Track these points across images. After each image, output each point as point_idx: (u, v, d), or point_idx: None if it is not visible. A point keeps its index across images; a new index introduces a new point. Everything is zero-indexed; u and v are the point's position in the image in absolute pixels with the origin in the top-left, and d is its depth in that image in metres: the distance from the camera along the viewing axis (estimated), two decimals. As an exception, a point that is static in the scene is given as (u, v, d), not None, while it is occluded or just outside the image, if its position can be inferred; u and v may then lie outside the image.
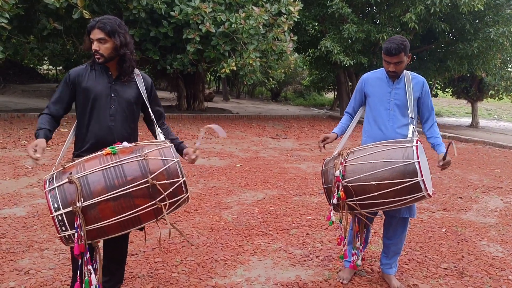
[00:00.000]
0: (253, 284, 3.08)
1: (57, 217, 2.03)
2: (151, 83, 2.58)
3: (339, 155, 2.92)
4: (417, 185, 2.60)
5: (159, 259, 3.38)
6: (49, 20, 8.55)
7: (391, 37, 2.90)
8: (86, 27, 2.35)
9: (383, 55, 2.88)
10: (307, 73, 22.93)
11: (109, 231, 2.13)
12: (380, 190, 2.65)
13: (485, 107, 27.15)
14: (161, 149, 2.22)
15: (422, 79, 3.03)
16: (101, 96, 2.38)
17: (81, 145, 2.42)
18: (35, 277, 2.97)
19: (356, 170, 2.73)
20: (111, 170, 2.11)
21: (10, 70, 18.94)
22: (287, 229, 4.23)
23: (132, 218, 2.12)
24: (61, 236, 2.07)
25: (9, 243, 3.51)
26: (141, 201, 2.11)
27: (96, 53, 2.31)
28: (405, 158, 2.63)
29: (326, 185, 2.91)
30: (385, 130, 2.99)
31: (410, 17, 11.57)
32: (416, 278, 3.34)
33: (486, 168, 8.34)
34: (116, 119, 2.40)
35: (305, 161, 7.84)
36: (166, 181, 2.15)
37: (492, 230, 4.62)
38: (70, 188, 2.05)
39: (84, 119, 2.40)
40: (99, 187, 2.07)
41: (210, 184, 5.74)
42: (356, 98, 3.21)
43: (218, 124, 2.50)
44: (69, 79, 2.39)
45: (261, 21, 9.35)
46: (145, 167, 2.13)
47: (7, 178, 5.30)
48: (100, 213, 2.06)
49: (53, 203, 2.03)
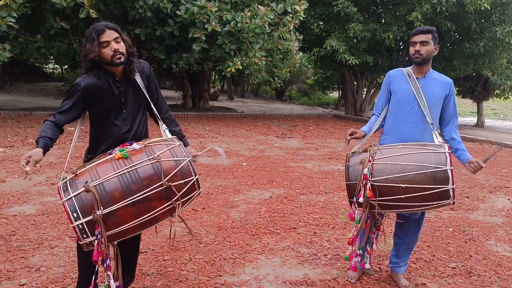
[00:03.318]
0: (261, 282, 3.10)
1: (78, 226, 2.06)
2: (149, 67, 2.54)
3: (364, 151, 2.85)
4: (446, 192, 2.57)
5: (168, 257, 3.40)
6: (56, 19, 8.59)
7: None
8: (90, 35, 2.24)
9: (410, 38, 2.90)
10: (312, 72, 22.89)
11: (128, 232, 2.18)
12: (408, 193, 2.60)
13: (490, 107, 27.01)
14: (172, 149, 2.24)
15: (449, 81, 2.98)
16: (114, 104, 2.40)
17: (96, 150, 2.43)
18: (46, 274, 3.00)
19: (385, 170, 2.67)
20: (126, 175, 2.13)
21: (16, 68, 19.04)
22: (294, 227, 4.24)
23: (150, 219, 2.17)
24: (83, 243, 2.10)
25: (19, 240, 3.54)
26: (158, 203, 2.15)
27: (116, 53, 2.25)
28: (438, 164, 2.58)
29: (349, 182, 2.83)
30: (407, 127, 2.94)
31: (416, 16, 11.52)
32: (424, 277, 3.35)
33: (493, 167, 8.31)
34: (129, 122, 2.43)
35: (311, 160, 7.84)
36: (181, 181, 2.19)
37: (500, 229, 4.62)
38: (88, 196, 2.06)
39: (99, 125, 2.43)
40: (117, 194, 2.09)
41: (217, 183, 5.76)
42: (383, 95, 3.14)
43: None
44: (81, 93, 2.31)
45: (267, 20, 9.34)
46: (159, 169, 2.15)
47: (15, 176, 5.34)
48: (120, 219, 2.10)
49: (72, 213, 2.05)
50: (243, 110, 15.37)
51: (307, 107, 20.59)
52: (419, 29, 2.87)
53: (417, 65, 2.94)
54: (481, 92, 17.46)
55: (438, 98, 2.93)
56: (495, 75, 15.23)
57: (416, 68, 2.97)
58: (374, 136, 3.23)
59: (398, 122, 2.99)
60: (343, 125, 13.66)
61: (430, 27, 2.87)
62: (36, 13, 8.93)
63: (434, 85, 2.94)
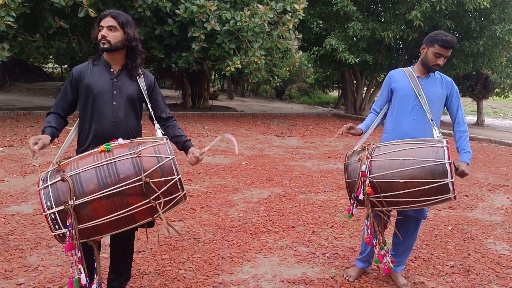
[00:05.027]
0: (259, 281, 3.10)
1: (50, 216, 2.02)
2: (153, 80, 2.56)
3: (363, 149, 2.86)
4: (445, 186, 2.55)
5: (166, 256, 3.39)
6: (55, 18, 8.59)
7: (439, 31, 2.84)
8: (98, 18, 2.35)
9: (435, 47, 2.79)
10: (312, 71, 22.88)
11: (103, 230, 2.10)
12: (406, 189, 2.59)
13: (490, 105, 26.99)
14: (156, 146, 2.18)
15: (450, 80, 2.98)
16: (103, 93, 2.36)
17: (84, 142, 2.41)
18: (43, 274, 3.00)
19: (383, 166, 2.67)
20: (104, 168, 2.08)
21: (15, 68, 19.04)
22: (293, 226, 4.24)
23: (126, 216, 2.09)
24: (55, 235, 2.06)
25: (17, 240, 3.54)
26: (135, 199, 2.07)
27: (103, 38, 2.29)
28: (436, 158, 2.57)
29: (349, 179, 2.84)
30: (408, 125, 2.94)
31: (416, 15, 11.51)
32: (423, 276, 3.35)
33: (492, 166, 8.31)
34: (118, 115, 2.39)
35: (310, 159, 7.84)
36: (160, 178, 2.11)
37: (499, 228, 4.61)
38: (63, 186, 2.03)
39: (86, 116, 2.39)
40: (92, 185, 2.04)
41: (216, 182, 5.76)
42: (383, 94, 3.13)
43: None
44: (72, 76, 2.39)
45: (266, 19, 9.33)
46: (138, 164, 2.09)
47: (14, 176, 5.34)
48: (92, 212, 2.04)
49: (46, 201, 2.03)
50: (243, 109, 15.36)
51: (307, 106, 20.58)
52: (451, 43, 2.75)
53: (428, 72, 2.95)
54: (481, 91, 17.44)
55: (439, 96, 2.94)
56: (494, 73, 15.23)
57: (419, 68, 2.97)
58: (375, 135, 3.22)
59: (400, 120, 2.99)
60: (342, 124, 13.54)
61: (455, 39, 2.79)
62: (35, 13, 8.91)
63: (435, 84, 2.95)
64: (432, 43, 2.82)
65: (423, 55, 2.91)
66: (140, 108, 2.52)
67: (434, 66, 2.86)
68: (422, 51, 2.91)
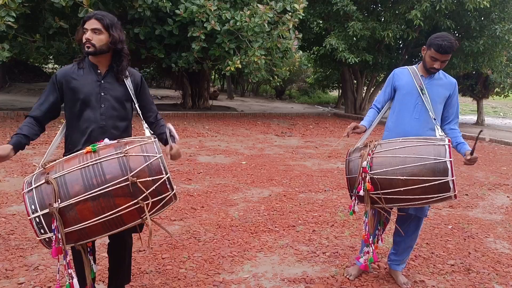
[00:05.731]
0: (260, 280, 3.10)
1: (35, 219, 1.95)
2: (140, 78, 2.48)
3: (365, 146, 2.86)
4: (446, 184, 2.55)
5: (166, 255, 3.40)
6: (55, 18, 8.60)
7: (440, 34, 2.81)
8: (82, 19, 2.26)
9: (431, 51, 2.79)
10: (312, 71, 22.88)
11: (91, 233, 2.03)
12: (407, 186, 2.59)
13: (490, 105, 26.97)
14: (143, 145, 2.10)
15: (453, 81, 2.98)
16: (91, 95, 2.29)
17: (72, 147, 2.33)
18: (44, 273, 3.00)
19: (384, 163, 2.67)
20: (90, 168, 2.01)
21: (15, 68, 19.03)
22: (293, 225, 4.24)
23: (114, 218, 2.02)
24: (40, 239, 1.99)
25: (18, 239, 3.54)
26: (122, 200, 2.00)
27: (87, 42, 2.22)
28: (437, 156, 2.57)
29: (350, 175, 2.84)
30: (410, 123, 2.94)
31: (416, 14, 11.52)
32: (423, 274, 3.35)
33: (492, 165, 8.31)
34: (107, 118, 2.32)
35: (311, 159, 7.84)
36: (148, 178, 2.03)
37: (499, 227, 4.61)
38: (48, 189, 1.97)
39: (73, 120, 2.32)
40: (77, 187, 1.97)
41: (216, 181, 5.76)
42: (386, 91, 3.12)
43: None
44: (56, 79, 2.29)
45: (266, 18, 9.34)
46: (125, 164, 2.02)
47: (14, 176, 5.34)
48: (78, 214, 1.97)
49: (30, 205, 1.96)
50: (243, 109, 15.37)
51: (307, 105, 20.59)
52: (445, 48, 2.74)
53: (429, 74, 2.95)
54: (481, 90, 17.43)
55: (442, 96, 2.95)
56: (494, 73, 15.22)
57: (422, 68, 2.98)
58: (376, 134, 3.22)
59: (402, 118, 3.00)
60: (343, 124, 13.65)
61: (454, 43, 2.76)
62: (35, 13, 8.92)
63: (439, 84, 2.95)
64: (429, 46, 2.83)
65: (423, 56, 2.92)
66: (129, 109, 2.46)
67: (431, 69, 2.88)
68: (423, 52, 2.93)
